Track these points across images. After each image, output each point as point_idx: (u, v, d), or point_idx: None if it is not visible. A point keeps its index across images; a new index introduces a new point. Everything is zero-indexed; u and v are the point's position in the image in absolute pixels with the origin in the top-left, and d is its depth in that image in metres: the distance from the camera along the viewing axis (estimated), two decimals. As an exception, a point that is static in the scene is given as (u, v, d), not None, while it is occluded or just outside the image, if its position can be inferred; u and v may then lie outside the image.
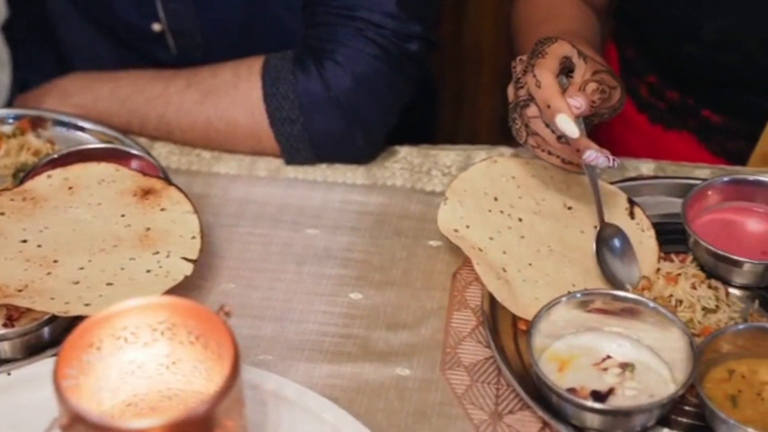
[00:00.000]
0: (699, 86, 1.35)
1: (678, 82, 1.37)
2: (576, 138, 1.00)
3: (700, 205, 1.13)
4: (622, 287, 1.05)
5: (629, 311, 1.00)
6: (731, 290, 1.08)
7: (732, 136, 1.36)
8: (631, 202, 1.14)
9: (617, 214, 1.13)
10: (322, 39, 1.22)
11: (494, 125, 2.13)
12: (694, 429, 0.97)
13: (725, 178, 1.13)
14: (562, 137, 1.01)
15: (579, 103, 1.00)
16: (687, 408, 0.98)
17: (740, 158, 1.35)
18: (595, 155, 1.00)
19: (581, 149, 1.00)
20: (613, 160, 1.01)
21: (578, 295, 1.01)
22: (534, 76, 1.01)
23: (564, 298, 1.01)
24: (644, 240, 1.11)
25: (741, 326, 0.99)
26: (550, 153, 1.05)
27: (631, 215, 1.13)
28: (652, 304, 1.00)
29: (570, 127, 1.00)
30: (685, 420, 0.97)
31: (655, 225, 1.12)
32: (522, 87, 1.03)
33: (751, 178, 1.13)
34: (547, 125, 1.02)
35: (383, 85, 1.21)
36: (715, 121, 1.36)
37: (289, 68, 1.21)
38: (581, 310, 1.01)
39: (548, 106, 1.00)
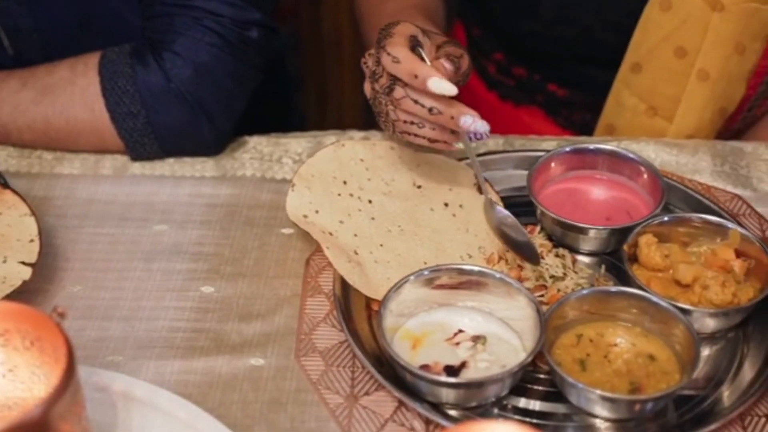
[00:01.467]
0: (543, 62, 1.37)
1: (523, 59, 1.39)
2: (455, 93, 0.99)
3: (545, 176, 1.15)
4: (526, 247, 1.06)
5: (477, 284, 1.01)
6: (579, 257, 1.11)
7: (578, 109, 1.39)
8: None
9: (466, 190, 1.14)
10: (159, 30, 1.19)
11: (361, 114, 2.13)
12: (547, 395, 0.98)
13: (567, 149, 1.16)
14: (433, 109, 1.00)
15: (445, 65, 1.00)
16: (540, 376, 0.99)
17: (587, 130, 1.38)
18: (471, 120, 1.01)
19: (456, 116, 1.00)
20: (486, 124, 1.02)
21: (426, 272, 1.01)
22: (389, 54, 1.00)
23: (412, 277, 1.01)
24: (494, 214, 1.13)
25: (585, 291, 1.01)
26: (416, 135, 1.04)
27: (480, 190, 1.14)
28: (498, 275, 1.01)
29: (445, 86, 0.99)
30: (538, 387, 0.99)
31: (504, 198, 1.13)
32: (380, 77, 1.03)
33: (591, 147, 1.15)
34: (416, 101, 1.01)
35: (225, 74, 1.19)
36: (561, 95, 1.39)
37: (126, 62, 1.18)
38: (430, 286, 1.01)
39: (415, 77, 0.99)
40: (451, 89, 0.99)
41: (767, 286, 1.01)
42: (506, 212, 1.09)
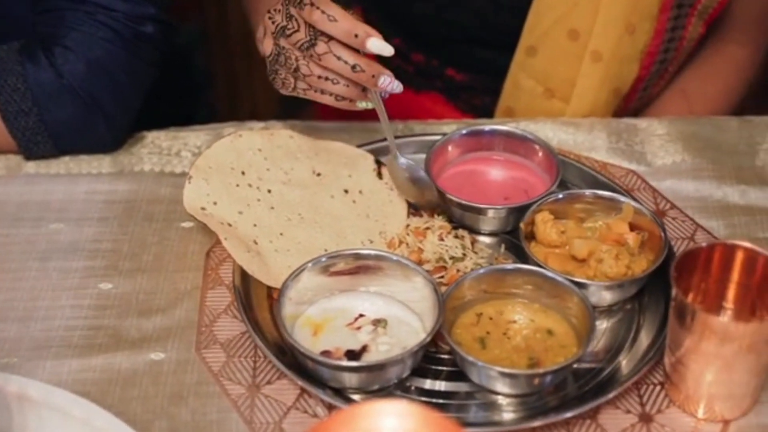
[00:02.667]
0: (440, 46, 1.38)
1: (420, 44, 1.40)
2: (392, 53, 1.02)
3: (443, 159, 1.16)
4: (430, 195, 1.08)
5: (375, 268, 1.02)
6: (480, 238, 1.12)
7: (477, 93, 1.40)
8: (379, 163, 1.15)
9: (366, 176, 1.14)
10: (50, 25, 1.17)
11: (274, 106, 2.12)
12: (450, 375, 0.99)
13: (464, 131, 1.17)
14: (357, 66, 1.01)
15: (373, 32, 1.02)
16: (442, 356, 1.00)
17: (488, 113, 1.39)
18: (389, 80, 1.03)
19: (376, 75, 1.02)
20: (400, 85, 1.04)
21: (323, 259, 1.01)
22: (324, 12, 1.00)
23: (310, 264, 1.01)
24: (393, 198, 1.13)
25: (482, 270, 1.01)
26: (325, 92, 1.04)
27: (379, 175, 1.14)
28: (395, 258, 1.02)
29: (385, 47, 1.01)
30: (440, 368, 0.99)
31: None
32: (295, 32, 1.01)
33: (487, 128, 1.17)
34: (340, 58, 1.01)
35: (119, 70, 1.18)
36: (460, 79, 1.40)
37: (15, 59, 1.15)
38: (329, 273, 1.01)
39: (355, 36, 1.00)
40: (390, 50, 1.02)
41: (660, 258, 1.03)
42: (411, 162, 1.10)
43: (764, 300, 0.93)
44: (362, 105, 1.06)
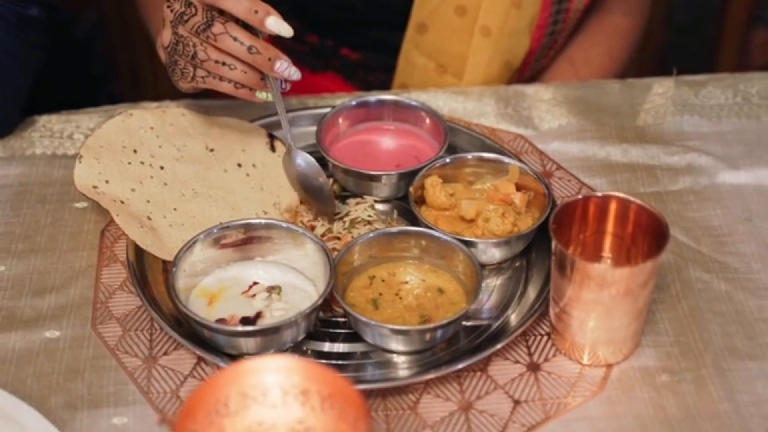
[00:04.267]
0: (333, 27, 1.40)
1: (314, 26, 1.41)
2: (291, 34, 1.02)
3: (335, 131, 1.18)
4: (323, 194, 1.08)
5: (267, 237, 1.03)
6: (378, 205, 1.14)
7: (373, 71, 1.42)
8: (271, 137, 1.17)
9: (259, 149, 1.16)
10: (-69, 10, 1.16)
11: (175, 98, 2.11)
12: (346, 337, 1.01)
13: (353, 102, 1.19)
14: (252, 48, 1.02)
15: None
16: (338, 319, 1.02)
17: (384, 90, 1.41)
18: (286, 65, 1.03)
19: (273, 58, 1.02)
20: (298, 71, 1.05)
21: (215, 230, 1.03)
22: None
23: (202, 236, 1.02)
24: (286, 170, 1.15)
25: (371, 235, 1.04)
26: (223, 78, 1.05)
27: (272, 148, 1.16)
28: (285, 225, 1.03)
29: (284, 26, 1.02)
30: (336, 331, 1.01)
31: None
32: (193, 16, 1.02)
33: (375, 98, 1.19)
34: (236, 39, 1.02)
35: (5, 53, 1.17)
36: (354, 58, 1.42)
37: None
38: (222, 244, 1.03)
39: (255, 12, 1.01)
40: (288, 30, 1.03)
41: (545, 215, 1.07)
42: (307, 156, 1.11)
43: (639, 248, 0.98)
44: (261, 96, 1.07)
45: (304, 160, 1.10)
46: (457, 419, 0.94)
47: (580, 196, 0.98)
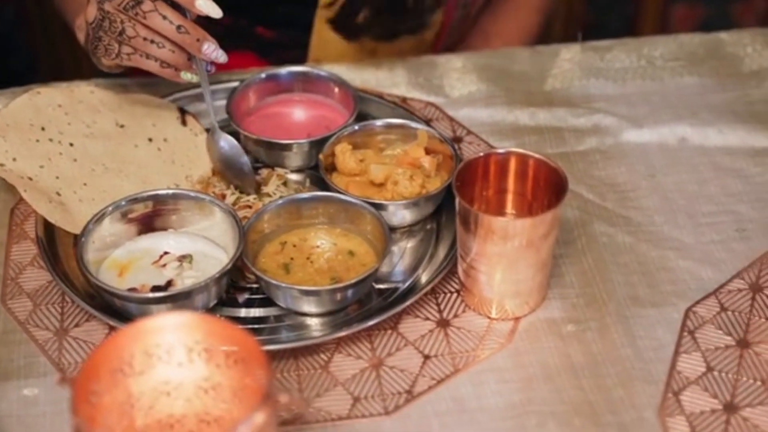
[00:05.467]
0: (246, 6, 1.40)
1: (227, 5, 1.41)
2: (221, 15, 1.04)
3: (245, 105, 1.19)
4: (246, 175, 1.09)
5: (176, 207, 1.04)
6: (288, 175, 1.15)
7: (288, 48, 1.42)
8: (182, 111, 1.17)
9: (170, 124, 1.16)
10: None
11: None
12: (259, 302, 1.02)
13: (262, 75, 1.20)
14: (181, 27, 1.02)
15: None
16: (251, 285, 1.03)
17: (300, 66, 1.43)
18: (213, 48, 1.04)
19: (201, 39, 1.03)
20: (225, 54, 1.06)
21: (123, 202, 1.03)
22: None
23: (110, 208, 1.02)
24: (198, 143, 1.15)
25: (280, 201, 1.04)
26: (150, 57, 1.05)
27: (184, 123, 1.16)
28: (193, 194, 1.04)
29: (213, 7, 1.04)
30: (250, 296, 1.02)
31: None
32: None
33: (284, 71, 1.20)
34: (165, 17, 1.02)
35: None
36: (269, 36, 1.42)
37: None
38: (132, 216, 1.03)
39: None
40: (218, 11, 1.04)
41: (453, 176, 1.08)
42: (229, 137, 1.12)
43: (540, 201, 1.00)
44: (186, 77, 1.08)
45: (227, 142, 1.12)
46: (368, 376, 0.95)
47: (481, 154, 1.00)
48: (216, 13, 1.05)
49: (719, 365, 0.94)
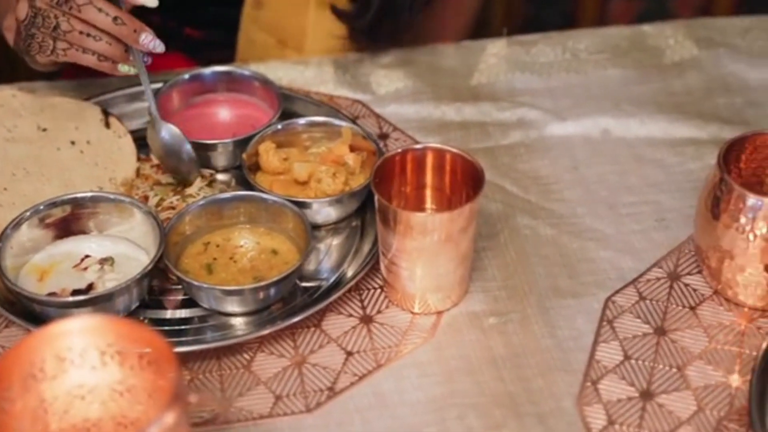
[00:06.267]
0: (174, 7, 1.40)
1: (156, 6, 1.41)
2: (156, 5, 1.04)
3: (170, 106, 1.18)
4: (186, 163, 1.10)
5: (95, 210, 1.03)
6: (218, 175, 1.14)
7: (216, 49, 1.42)
8: (106, 113, 1.16)
9: (93, 127, 1.15)
10: None
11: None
12: (183, 303, 1.02)
13: (186, 76, 1.19)
14: (118, 19, 1.02)
15: None
16: (174, 287, 1.03)
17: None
18: (151, 38, 1.04)
19: (138, 30, 1.03)
20: (162, 44, 1.06)
21: (42, 207, 1.02)
22: None
23: (29, 213, 1.02)
24: (122, 146, 1.15)
25: (201, 202, 1.04)
26: (87, 50, 1.04)
27: (107, 125, 1.16)
28: (113, 197, 1.04)
29: None
30: (173, 298, 1.02)
31: (136, 131, 1.16)
32: None
33: (207, 71, 1.20)
34: (101, 9, 1.02)
35: None
36: (197, 36, 1.42)
37: None
38: (51, 220, 1.02)
39: None
40: (154, 1, 1.04)
41: (377, 173, 1.09)
42: (171, 126, 1.11)
43: (458, 196, 1.01)
44: (124, 69, 1.07)
45: (168, 131, 1.11)
46: (291, 374, 0.95)
47: (399, 150, 1.00)
48: (152, 2, 1.05)
49: (636, 353, 0.96)
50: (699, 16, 2.38)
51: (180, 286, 1.03)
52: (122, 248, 1.03)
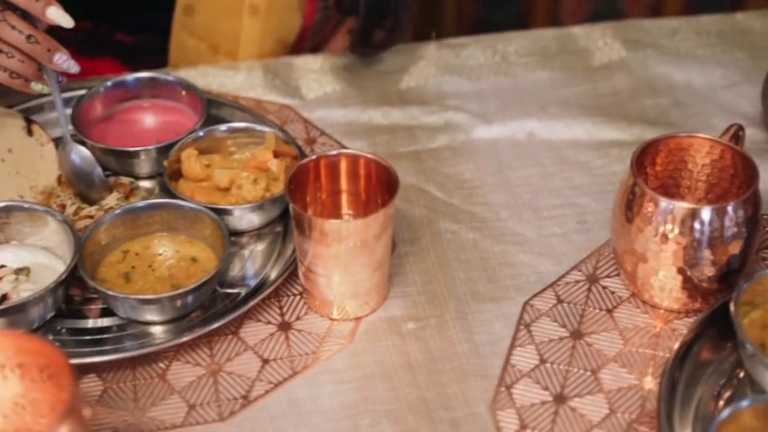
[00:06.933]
0: (105, 12, 1.39)
1: (87, 11, 1.40)
2: (72, 25, 1.03)
3: (93, 113, 1.17)
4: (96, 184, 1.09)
5: (8, 220, 1.02)
6: (143, 183, 1.14)
7: (148, 54, 1.41)
8: (29, 121, 1.15)
9: (15, 134, 1.14)
10: None
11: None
12: (102, 312, 1.01)
13: (109, 83, 1.19)
14: (32, 37, 1.02)
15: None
16: (92, 296, 1.02)
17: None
18: (65, 58, 1.04)
19: (52, 50, 1.03)
20: (77, 65, 1.05)
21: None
22: None
23: (-59, 222, 1.01)
24: (44, 153, 1.14)
25: (117, 211, 1.03)
26: None
27: (30, 133, 1.15)
28: (26, 205, 1.03)
29: (65, 17, 1.03)
30: (91, 307, 1.01)
31: (58, 139, 1.14)
32: None
33: (130, 77, 1.19)
34: (14, 27, 1.01)
35: None
36: (129, 42, 1.41)
37: None
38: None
39: (36, 1, 1.01)
40: (70, 21, 1.03)
41: (300, 179, 1.08)
42: (81, 149, 1.11)
43: (374, 201, 1.00)
44: (37, 88, 1.07)
45: (78, 154, 1.11)
46: (205, 382, 0.95)
47: (313, 157, 1.00)
48: (68, 22, 1.04)
49: (552, 357, 0.96)
50: (650, 16, 2.40)
51: (95, 295, 1.02)
52: (40, 258, 1.02)
